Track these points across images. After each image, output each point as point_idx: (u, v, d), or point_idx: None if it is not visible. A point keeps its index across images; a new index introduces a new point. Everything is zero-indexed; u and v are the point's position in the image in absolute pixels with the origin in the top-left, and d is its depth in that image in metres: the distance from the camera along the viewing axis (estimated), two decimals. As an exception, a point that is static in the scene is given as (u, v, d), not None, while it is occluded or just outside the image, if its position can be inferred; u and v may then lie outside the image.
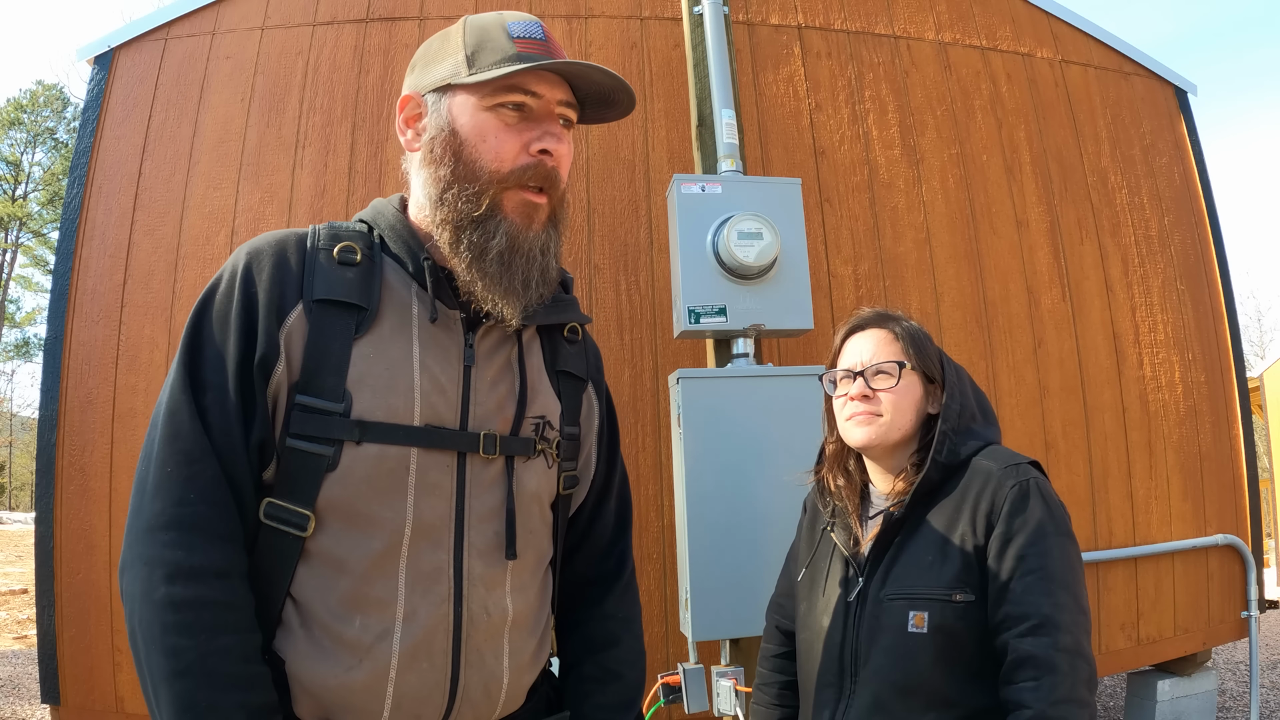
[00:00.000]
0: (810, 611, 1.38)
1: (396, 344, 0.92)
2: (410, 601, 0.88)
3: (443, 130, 0.95)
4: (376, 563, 0.88)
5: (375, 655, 0.86)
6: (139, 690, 2.63)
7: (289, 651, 0.87)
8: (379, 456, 0.88)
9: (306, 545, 0.88)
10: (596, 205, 2.98)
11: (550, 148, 0.94)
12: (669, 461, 2.79)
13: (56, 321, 2.86)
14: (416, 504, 0.90)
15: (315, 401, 0.88)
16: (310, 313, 0.90)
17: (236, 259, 0.93)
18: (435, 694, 0.89)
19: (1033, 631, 1.12)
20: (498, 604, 0.95)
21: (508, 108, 0.93)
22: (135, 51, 3.06)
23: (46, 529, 2.71)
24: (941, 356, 1.36)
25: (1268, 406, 8.65)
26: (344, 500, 0.88)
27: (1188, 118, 3.78)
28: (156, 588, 0.81)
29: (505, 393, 0.99)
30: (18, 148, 28.24)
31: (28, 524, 15.91)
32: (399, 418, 0.90)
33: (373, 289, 0.94)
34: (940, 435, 1.27)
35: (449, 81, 0.95)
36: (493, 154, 0.93)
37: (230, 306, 0.89)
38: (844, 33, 3.34)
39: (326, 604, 0.87)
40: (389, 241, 0.98)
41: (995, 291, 3.24)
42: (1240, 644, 5.49)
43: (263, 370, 0.88)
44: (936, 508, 1.26)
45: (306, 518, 0.87)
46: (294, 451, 0.88)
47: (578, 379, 1.09)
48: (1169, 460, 3.38)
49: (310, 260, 0.93)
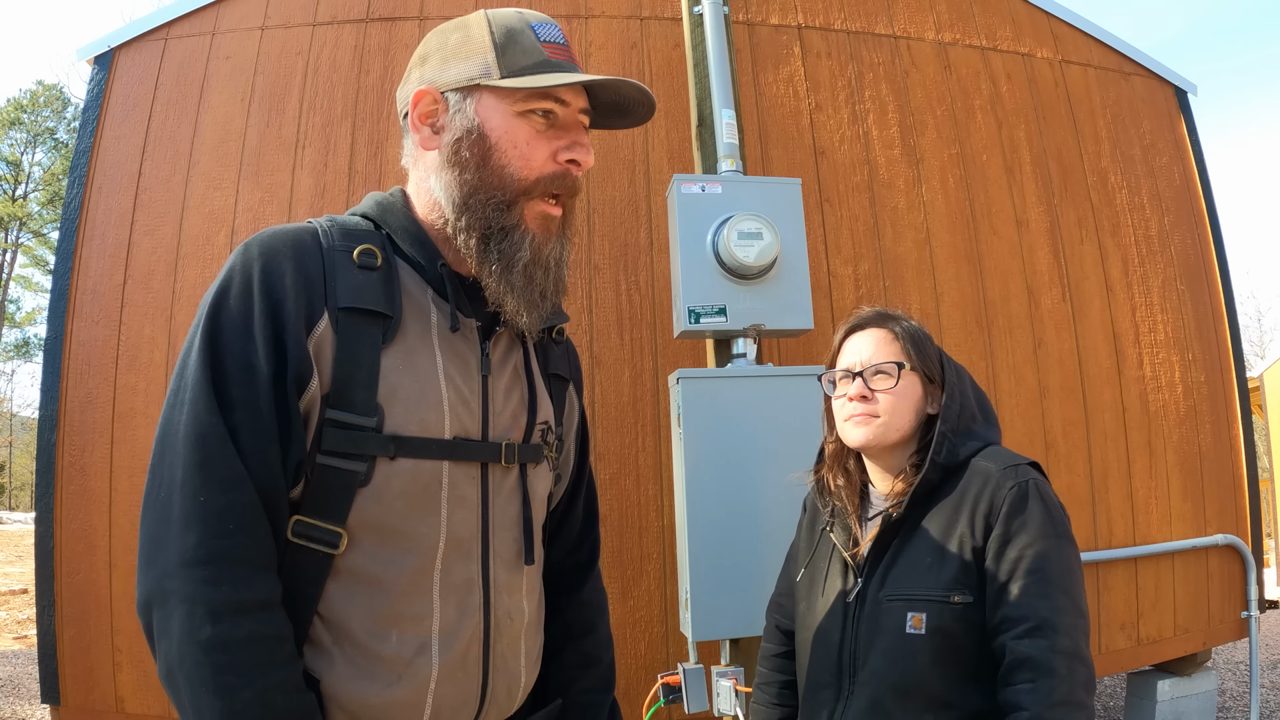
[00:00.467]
0: (809, 612, 1.38)
1: (422, 354, 0.90)
2: (445, 614, 0.88)
3: (470, 132, 0.91)
4: (413, 579, 0.87)
5: (415, 669, 0.86)
6: (139, 690, 2.65)
7: (324, 671, 0.84)
8: (414, 471, 0.87)
9: (337, 562, 0.85)
10: (596, 205, 2.98)
11: (579, 158, 0.92)
12: (669, 461, 2.79)
13: (56, 321, 2.86)
14: (449, 518, 0.89)
15: (347, 416, 0.84)
16: (337, 322, 0.85)
17: (248, 259, 0.85)
18: (470, 701, 0.90)
19: (1030, 633, 1.12)
20: (517, 608, 0.97)
21: (538, 114, 0.91)
22: (135, 51, 3.06)
23: (46, 529, 2.71)
24: (942, 357, 1.36)
25: (1268, 406, 8.65)
26: (378, 516, 0.85)
27: (1188, 118, 3.78)
28: (201, 628, 0.76)
29: (518, 401, 0.99)
30: (18, 148, 28.24)
31: (28, 524, 15.91)
32: (431, 431, 0.88)
33: (394, 295, 0.90)
34: (939, 436, 1.26)
35: (478, 82, 0.91)
36: (523, 161, 0.91)
37: (251, 314, 0.83)
38: (844, 33, 3.34)
39: (362, 622, 0.84)
40: (401, 244, 0.94)
41: (995, 291, 3.24)
42: (1240, 644, 5.49)
43: (297, 385, 0.83)
44: (935, 509, 1.25)
45: (339, 535, 0.84)
46: (325, 468, 0.84)
47: (563, 379, 1.11)
48: (1169, 460, 3.38)
49: (330, 264, 0.88)
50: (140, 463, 2.74)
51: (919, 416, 1.32)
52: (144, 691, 2.63)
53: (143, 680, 2.64)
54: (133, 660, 2.64)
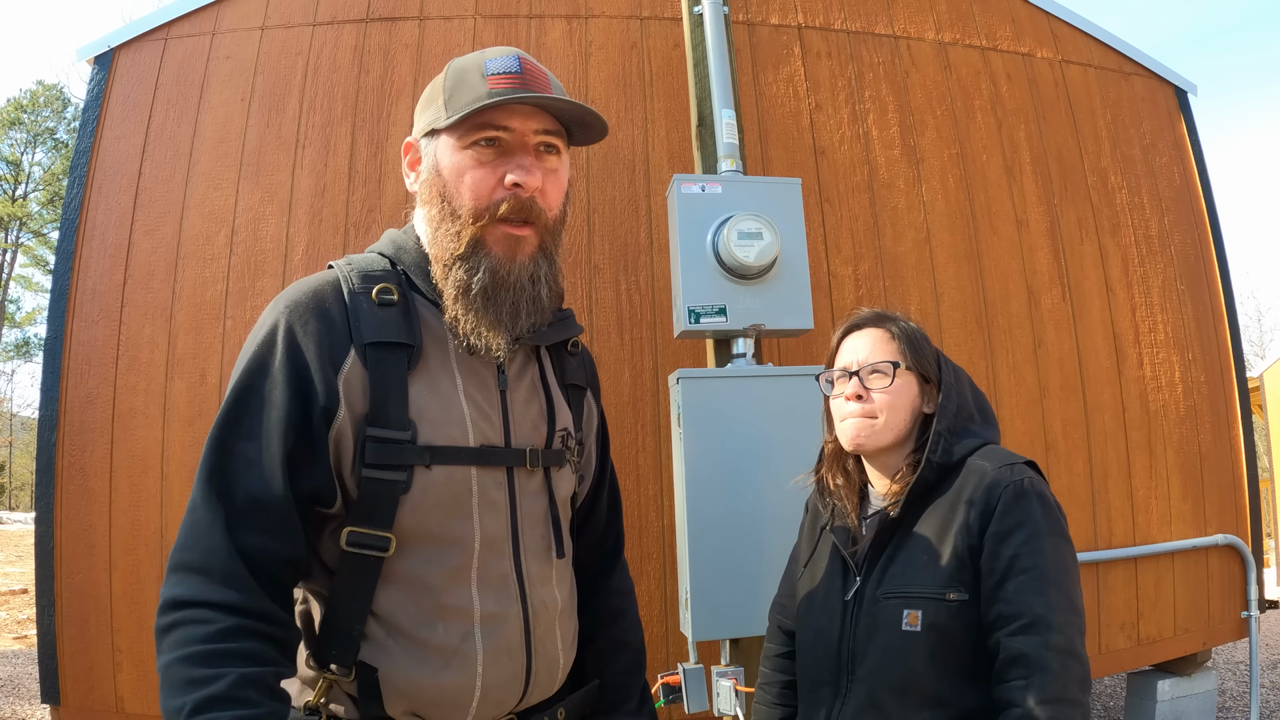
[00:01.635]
0: (809, 610, 1.38)
1: (443, 378, 1.00)
2: (485, 606, 0.98)
3: (431, 172, 1.02)
4: (452, 577, 0.97)
5: (463, 655, 0.96)
6: (139, 690, 2.65)
7: (381, 660, 0.94)
8: (447, 478, 0.97)
9: (386, 567, 0.95)
10: (596, 205, 2.98)
11: (520, 179, 0.98)
12: (669, 461, 2.79)
13: (56, 321, 2.86)
14: (481, 520, 0.99)
15: (385, 432, 0.94)
16: (365, 357, 0.96)
17: (277, 318, 0.96)
18: (515, 683, 1.00)
19: (1024, 630, 1.12)
20: (550, 597, 1.06)
21: (481, 144, 0.99)
22: (135, 51, 3.06)
23: (46, 529, 2.71)
24: (939, 357, 1.36)
25: (1268, 406, 8.65)
26: (419, 522, 0.96)
27: (1188, 118, 3.78)
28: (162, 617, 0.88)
29: (537, 411, 1.09)
30: (18, 148, 28.24)
31: (28, 524, 15.91)
32: (457, 442, 0.98)
33: (414, 326, 1.00)
34: (935, 435, 1.26)
35: (433, 126, 1.01)
36: (470, 191, 0.98)
37: (276, 365, 0.94)
38: (844, 33, 3.34)
39: (411, 616, 0.95)
40: (415, 279, 1.03)
41: (995, 291, 3.24)
42: (1240, 644, 5.49)
43: (324, 419, 0.94)
44: (932, 507, 1.26)
45: (388, 540, 0.94)
46: (370, 480, 0.94)
47: (580, 388, 1.20)
48: (1169, 460, 3.38)
49: (353, 306, 0.98)
50: (140, 463, 2.74)
51: (915, 416, 1.32)
52: (144, 691, 2.63)
53: (143, 680, 2.64)
54: (133, 660, 2.64)
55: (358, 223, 2.92)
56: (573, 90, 3.07)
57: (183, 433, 2.74)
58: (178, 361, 2.80)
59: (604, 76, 3.10)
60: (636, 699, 1.21)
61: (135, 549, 2.69)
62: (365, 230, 2.90)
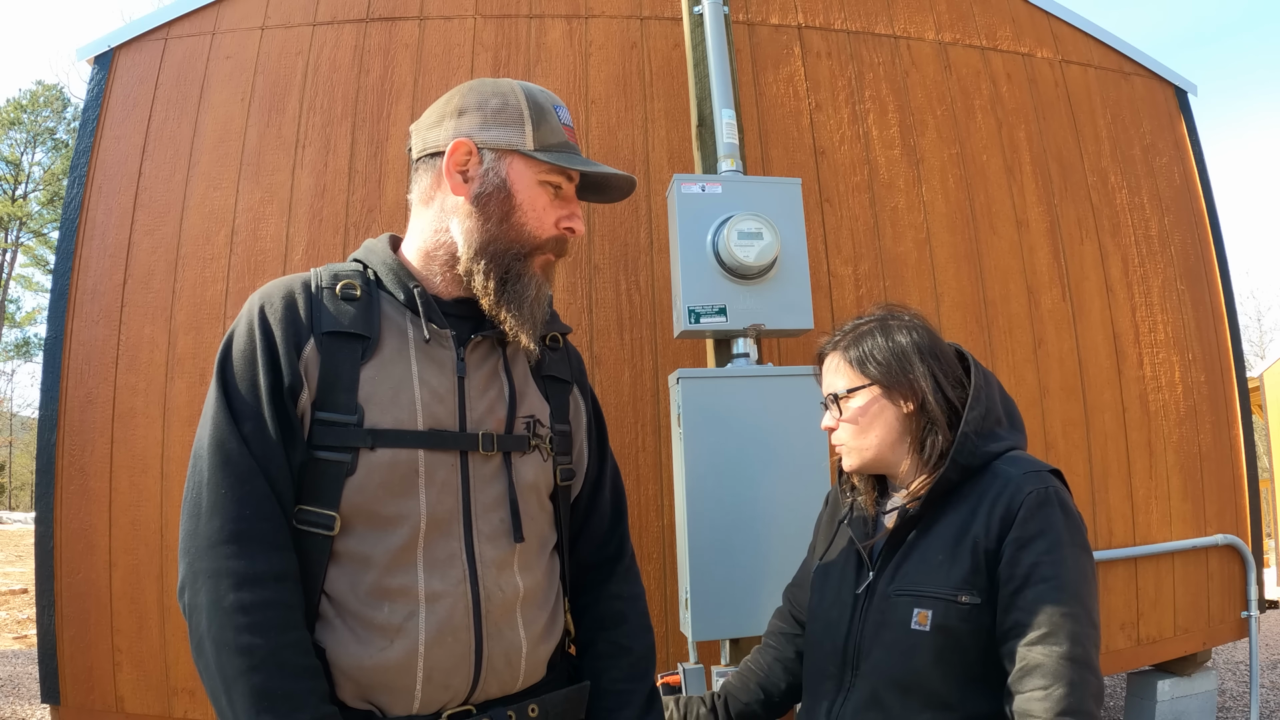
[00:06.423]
0: (820, 603, 1.38)
1: (398, 365, 1.05)
2: (430, 586, 1.00)
3: (500, 190, 1.09)
4: (397, 556, 1.00)
5: (405, 635, 0.98)
6: (139, 690, 2.65)
7: (328, 641, 0.98)
8: (391, 460, 1.01)
9: (334, 546, 1.00)
10: (597, 205, 2.98)
11: (575, 227, 1.13)
12: (669, 461, 2.79)
13: (56, 321, 2.86)
14: (428, 500, 1.02)
15: (332, 415, 1.01)
16: (321, 344, 1.03)
17: (251, 307, 1.05)
18: (462, 665, 1.01)
19: (1042, 640, 1.10)
20: (509, 582, 1.07)
21: (551, 186, 1.11)
22: (135, 51, 3.06)
23: (46, 529, 2.71)
24: (967, 359, 1.36)
25: (1268, 406, 8.65)
26: (364, 502, 1.00)
27: (1188, 118, 3.78)
28: (225, 595, 0.92)
29: (496, 396, 1.11)
30: (18, 148, 28.24)
31: (28, 524, 15.91)
32: (405, 425, 1.03)
33: (373, 319, 1.07)
34: (961, 437, 1.25)
35: (515, 147, 1.08)
36: (538, 222, 1.10)
37: (253, 346, 1.02)
38: (844, 33, 3.34)
39: (356, 595, 0.99)
40: (382, 277, 1.11)
41: (995, 291, 3.24)
42: (1240, 644, 5.49)
43: (292, 396, 1.01)
44: (952, 508, 1.25)
45: (332, 518, 0.99)
46: (317, 461, 1.00)
47: (563, 382, 1.23)
48: (1169, 460, 3.38)
49: (316, 299, 1.06)
50: (139, 462, 2.74)
51: (894, 422, 1.31)
52: (144, 691, 2.63)
53: (143, 680, 2.64)
54: (133, 660, 2.64)
55: (358, 223, 2.91)
56: (573, 90, 3.08)
57: (183, 432, 2.74)
58: (178, 361, 2.80)
59: (604, 76, 3.10)
60: (638, 707, 1.18)
61: (135, 549, 2.69)
62: (365, 230, 2.90)
